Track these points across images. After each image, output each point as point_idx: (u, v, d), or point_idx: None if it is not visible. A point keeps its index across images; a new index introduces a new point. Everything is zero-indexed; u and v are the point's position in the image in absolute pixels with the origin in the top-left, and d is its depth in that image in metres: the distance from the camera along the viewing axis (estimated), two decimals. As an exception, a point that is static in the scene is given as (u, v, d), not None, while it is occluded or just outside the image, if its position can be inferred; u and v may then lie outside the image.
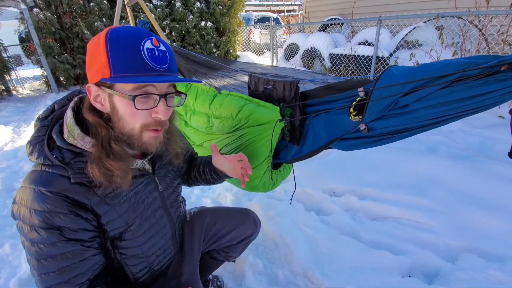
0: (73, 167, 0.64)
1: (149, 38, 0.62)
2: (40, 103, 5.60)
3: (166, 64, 0.64)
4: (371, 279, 1.29)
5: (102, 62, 0.60)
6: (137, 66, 0.60)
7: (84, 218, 0.66)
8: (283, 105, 1.11)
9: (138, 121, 0.66)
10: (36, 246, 0.62)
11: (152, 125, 0.68)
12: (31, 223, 0.61)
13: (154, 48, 0.62)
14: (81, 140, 0.65)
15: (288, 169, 1.39)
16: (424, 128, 0.84)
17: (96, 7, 5.95)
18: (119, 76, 0.60)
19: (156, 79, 0.62)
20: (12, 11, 6.20)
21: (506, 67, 0.63)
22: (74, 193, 0.64)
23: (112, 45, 0.59)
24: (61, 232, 0.62)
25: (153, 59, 0.61)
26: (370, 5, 6.00)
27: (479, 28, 3.57)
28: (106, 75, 0.60)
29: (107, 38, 0.60)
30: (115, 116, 0.66)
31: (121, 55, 0.59)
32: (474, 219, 1.61)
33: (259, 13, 11.08)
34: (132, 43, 0.60)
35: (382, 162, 2.24)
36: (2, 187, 2.39)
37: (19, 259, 1.59)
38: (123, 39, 0.60)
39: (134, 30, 0.62)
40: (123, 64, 0.60)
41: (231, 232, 1.13)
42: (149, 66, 0.61)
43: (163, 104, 0.66)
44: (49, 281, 0.64)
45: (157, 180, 0.85)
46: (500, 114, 3.03)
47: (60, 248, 0.63)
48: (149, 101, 0.65)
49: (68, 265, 0.64)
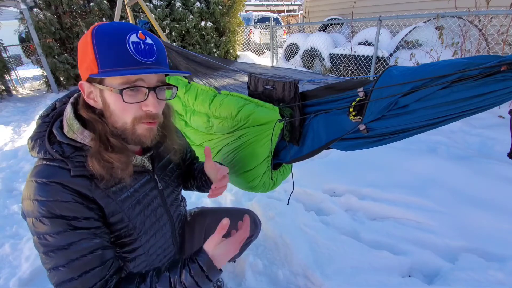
0: (73, 160, 0.65)
1: (134, 31, 0.62)
2: (40, 103, 5.60)
3: (154, 57, 0.64)
4: (371, 279, 1.29)
5: (90, 58, 0.61)
6: (123, 60, 0.61)
7: (88, 207, 0.66)
8: (282, 105, 1.11)
9: (129, 115, 0.67)
10: (42, 238, 0.62)
11: (143, 118, 0.68)
12: (35, 214, 0.62)
13: (140, 41, 0.62)
14: (80, 134, 0.67)
15: (288, 169, 1.39)
16: (424, 128, 0.84)
17: (96, 7, 5.95)
18: (106, 71, 0.61)
19: (140, 71, 0.61)
20: (12, 11, 6.20)
21: (506, 67, 0.63)
22: (76, 185, 0.64)
23: (98, 41, 0.60)
24: (65, 220, 0.62)
25: (139, 52, 0.62)
26: (370, 5, 6.00)
27: (479, 28, 3.57)
28: (94, 71, 0.61)
29: (93, 34, 0.61)
30: (107, 111, 0.67)
31: (107, 50, 0.60)
32: (474, 219, 1.61)
33: (259, 13, 11.07)
34: (117, 38, 0.61)
35: (382, 162, 2.24)
36: (2, 187, 2.38)
37: (19, 259, 1.59)
38: (108, 34, 0.61)
39: (119, 25, 0.63)
40: (109, 58, 0.60)
41: (231, 232, 1.13)
42: (135, 59, 0.61)
43: (152, 97, 0.67)
44: (60, 277, 0.62)
45: (156, 178, 0.85)
46: (500, 114, 3.03)
47: (67, 237, 0.62)
48: (138, 94, 0.65)
49: (77, 258, 0.62)
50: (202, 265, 0.68)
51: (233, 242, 0.74)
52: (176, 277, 0.67)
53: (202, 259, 0.68)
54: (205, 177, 0.99)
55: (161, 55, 0.67)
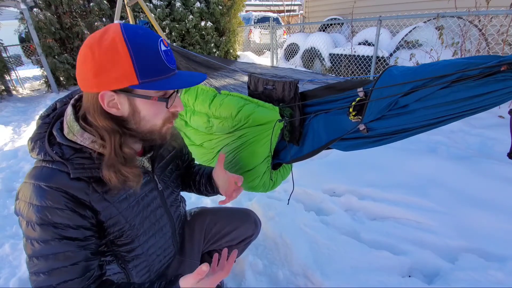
0: (73, 162, 0.65)
1: (160, 39, 0.65)
2: (40, 103, 5.60)
3: (175, 63, 0.69)
4: (371, 279, 1.29)
5: (125, 68, 0.59)
6: (160, 70, 0.63)
7: (81, 215, 0.66)
8: (282, 105, 1.11)
9: (160, 118, 0.71)
10: (30, 242, 0.63)
11: (171, 118, 0.73)
12: (28, 218, 0.62)
13: (167, 49, 0.66)
14: (80, 136, 0.66)
15: (287, 169, 1.39)
16: (424, 128, 0.84)
17: (96, 7, 5.95)
18: (148, 81, 0.62)
19: (176, 82, 0.66)
20: (12, 11, 6.21)
21: (506, 67, 0.63)
22: (73, 189, 0.64)
23: (135, 51, 0.59)
24: (56, 229, 0.63)
25: (168, 60, 0.65)
26: (370, 5, 6.00)
27: (479, 28, 3.57)
28: (133, 82, 0.60)
29: (127, 43, 0.58)
30: (136, 117, 0.68)
31: (145, 61, 0.61)
32: (474, 219, 1.61)
33: (259, 13, 11.08)
34: (152, 48, 0.62)
35: (382, 162, 2.24)
36: (2, 187, 2.39)
37: (19, 259, 1.59)
38: (143, 44, 0.61)
39: (147, 33, 0.63)
40: (149, 69, 0.62)
41: (231, 233, 1.13)
42: (168, 67, 0.65)
43: (178, 98, 0.71)
44: (39, 282, 0.64)
45: (156, 179, 0.85)
46: (500, 114, 3.03)
47: (53, 247, 0.63)
48: (170, 98, 0.69)
49: (58, 268, 0.63)
50: None
51: (210, 282, 0.74)
52: None
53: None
54: (211, 181, 1.01)
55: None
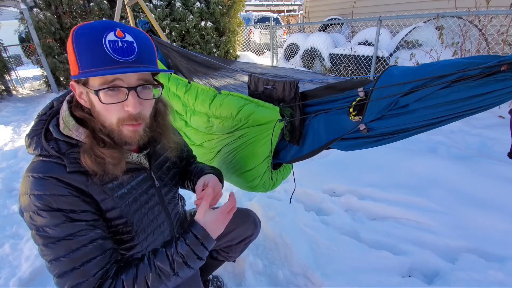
0: (69, 157, 0.66)
1: (112, 29, 0.61)
2: (40, 103, 5.60)
3: (133, 55, 0.62)
4: (371, 279, 1.29)
5: (72, 59, 0.62)
6: (100, 60, 0.59)
7: (84, 201, 0.66)
8: (283, 105, 1.11)
9: (113, 116, 0.66)
10: (42, 230, 0.62)
11: (127, 119, 0.67)
12: (32, 208, 0.62)
13: (117, 40, 0.61)
14: (75, 130, 0.67)
15: (288, 169, 1.39)
16: (424, 128, 0.84)
17: (96, 7, 5.94)
18: (85, 72, 0.61)
19: (116, 71, 0.60)
20: (12, 11, 6.20)
21: (506, 67, 0.63)
22: (72, 180, 0.65)
23: (77, 42, 0.60)
24: (63, 212, 0.63)
25: (116, 51, 0.60)
26: (370, 5, 6.00)
27: (479, 28, 3.57)
28: (76, 72, 0.62)
29: (73, 36, 0.61)
30: (94, 111, 0.68)
31: (84, 51, 0.60)
32: (474, 219, 1.61)
33: (259, 13, 11.07)
34: (94, 37, 0.60)
35: (382, 162, 2.24)
36: (2, 187, 2.39)
37: (19, 259, 1.59)
38: (85, 34, 0.61)
39: (98, 24, 0.62)
40: (87, 59, 0.60)
41: (231, 232, 1.13)
42: (112, 59, 0.60)
43: (133, 97, 0.65)
44: (61, 267, 0.62)
45: (153, 176, 0.85)
46: (500, 114, 3.03)
47: (66, 229, 0.62)
48: (118, 94, 0.64)
49: (78, 248, 0.63)
50: (196, 234, 0.70)
51: (221, 210, 0.76)
52: (173, 250, 0.69)
53: (195, 229, 0.71)
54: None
55: (144, 53, 0.65)
